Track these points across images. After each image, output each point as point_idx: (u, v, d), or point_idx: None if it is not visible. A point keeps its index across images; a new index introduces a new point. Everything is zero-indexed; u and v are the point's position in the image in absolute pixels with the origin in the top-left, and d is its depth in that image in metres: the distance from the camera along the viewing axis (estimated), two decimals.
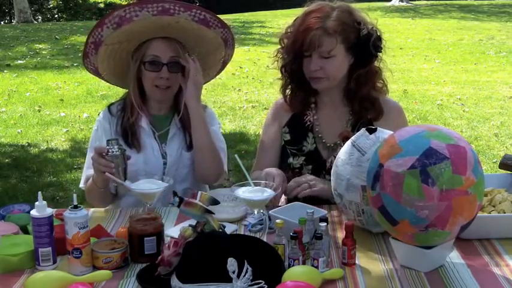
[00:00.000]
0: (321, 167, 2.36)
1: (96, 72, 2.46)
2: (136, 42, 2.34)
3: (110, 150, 2.09)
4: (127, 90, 2.46)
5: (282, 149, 2.45)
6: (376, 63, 2.35)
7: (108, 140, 2.13)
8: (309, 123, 2.41)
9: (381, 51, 2.33)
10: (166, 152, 2.43)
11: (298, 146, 2.41)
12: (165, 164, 2.42)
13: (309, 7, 2.32)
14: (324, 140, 2.38)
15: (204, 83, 2.57)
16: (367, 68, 2.32)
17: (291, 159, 2.41)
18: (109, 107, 2.49)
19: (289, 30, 2.35)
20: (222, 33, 2.35)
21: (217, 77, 2.70)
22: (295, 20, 2.35)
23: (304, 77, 2.34)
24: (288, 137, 2.44)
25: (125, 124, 2.40)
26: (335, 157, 2.05)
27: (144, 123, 2.41)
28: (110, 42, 2.30)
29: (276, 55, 2.41)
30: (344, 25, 2.25)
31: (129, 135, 2.39)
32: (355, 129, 2.32)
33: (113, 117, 2.44)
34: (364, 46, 2.27)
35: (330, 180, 2.05)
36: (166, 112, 2.47)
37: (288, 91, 2.44)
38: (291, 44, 2.31)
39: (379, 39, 2.29)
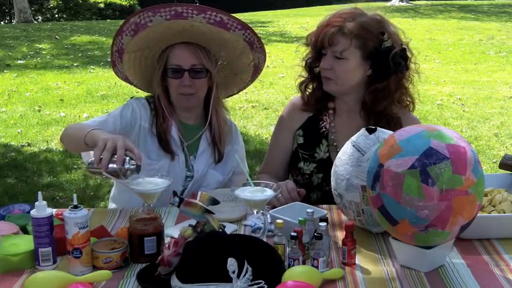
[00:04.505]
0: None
1: (127, 80, 2.46)
2: (158, 49, 2.32)
3: (127, 160, 1.87)
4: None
5: (294, 153, 2.42)
6: (404, 81, 2.28)
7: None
8: (324, 129, 2.38)
9: (404, 70, 2.25)
10: (194, 167, 2.41)
11: (311, 152, 2.37)
12: (188, 177, 2.40)
13: (344, 8, 2.29)
14: (338, 149, 2.29)
15: (240, 90, 2.59)
16: (384, 82, 2.25)
17: (301, 164, 2.38)
18: (147, 100, 2.39)
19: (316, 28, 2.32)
20: (244, 35, 2.28)
21: None
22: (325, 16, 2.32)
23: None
24: (301, 140, 2.40)
25: (159, 128, 2.35)
26: None
27: (174, 132, 2.37)
28: (131, 49, 2.29)
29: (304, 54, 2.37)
30: (364, 31, 2.20)
31: (162, 139, 2.35)
32: None
33: (151, 114, 2.37)
34: (383, 58, 2.21)
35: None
36: (196, 122, 2.44)
37: (309, 88, 2.40)
38: (314, 40, 2.29)
39: (402, 56, 2.22)
